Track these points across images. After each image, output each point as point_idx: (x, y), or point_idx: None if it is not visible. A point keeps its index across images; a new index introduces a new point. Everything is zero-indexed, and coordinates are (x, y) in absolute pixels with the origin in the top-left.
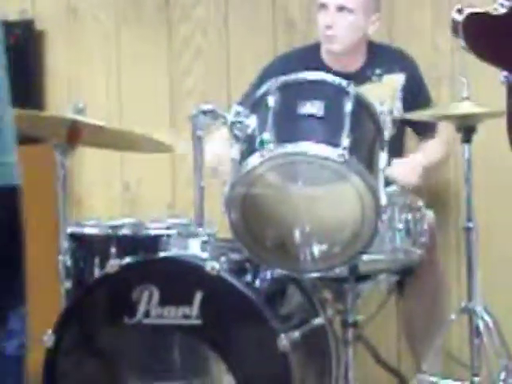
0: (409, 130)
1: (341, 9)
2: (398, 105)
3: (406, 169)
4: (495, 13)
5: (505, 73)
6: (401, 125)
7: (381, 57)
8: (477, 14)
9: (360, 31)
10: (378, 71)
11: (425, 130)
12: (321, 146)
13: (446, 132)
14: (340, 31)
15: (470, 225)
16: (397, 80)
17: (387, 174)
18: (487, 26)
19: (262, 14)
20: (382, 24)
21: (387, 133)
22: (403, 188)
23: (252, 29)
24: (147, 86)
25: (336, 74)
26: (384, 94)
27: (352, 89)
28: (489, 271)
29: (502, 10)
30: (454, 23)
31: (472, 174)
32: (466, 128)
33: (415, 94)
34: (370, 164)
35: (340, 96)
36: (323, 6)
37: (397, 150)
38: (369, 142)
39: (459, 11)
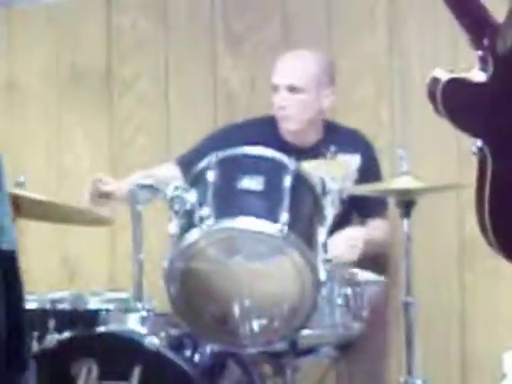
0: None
1: (291, 89)
2: (349, 185)
3: (346, 244)
4: (475, 79)
5: (479, 143)
6: (348, 206)
7: (337, 135)
8: (456, 80)
9: (314, 108)
10: (332, 149)
11: (370, 211)
12: (260, 221)
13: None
14: (293, 111)
15: (409, 299)
16: (352, 161)
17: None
18: (467, 94)
19: (202, 87)
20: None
21: (334, 211)
22: (343, 263)
23: (193, 101)
24: (88, 159)
25: (292, 147)
26: (336, 172)
27: (292, 164)
28: (428, 345)
29: (481, 78)
30: (431, 90)
31: (412, 249)
32: (406, 202)
33: (370, 176)
34: (309, 239)
35: (279, 171)
36: (275, 88)
37: (342, 229)
38: (308, 216)
39: (435, 79)
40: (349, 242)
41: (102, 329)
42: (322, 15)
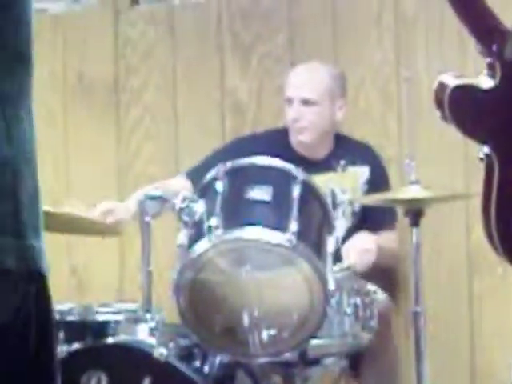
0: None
1: (305, 102)
2: (359, 197)
3: (359, 250)
4: (482, 86)
5: (486, 149)
6: (359, 218)
7: (347, 149)
8: (463, 86)
9: (327, 120)
10: (342, 162)
11: (380, 223)
12: (269, 231)
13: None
14: (307, 123)
15: (418, 309)
16: (361, 173)
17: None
18: (474, 100)
19: (210, 98)
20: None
21: (346, 223)
22: (353, 272)
23: (200, 112)
24: (95, 170)
25: (303, 160)
26: (346, 184)
27: (300, 174)
28: (437, 355)
29: (489, 83)
30: (437, 96)
31: (420, 259)
32: (414, 212)
33: (379, 188)
34: (318, 249)
35: (288, 181)
36: (289, 101)
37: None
38: (317, 226)
39: (442, 84)
40: (362, 247)
41: (111, 340)
42: (329, 26)
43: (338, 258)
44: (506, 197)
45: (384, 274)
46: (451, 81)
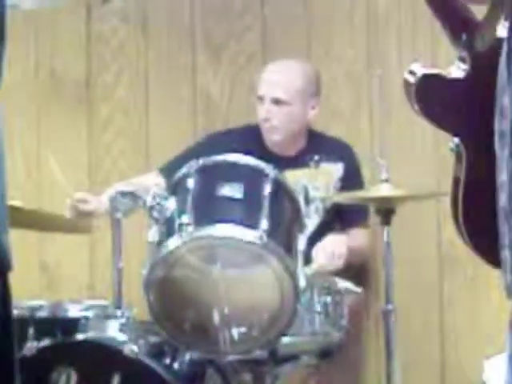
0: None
1: (276, 102)
2: (332, 194)
3: (330, 252)
4: (451, 76)
5: (456, 140)
6: (331, 215)
7: (320, 145)
8: (431, 75)
9: (299, 119)
10: (316, 158)
11: (352, 220)
12: (239, 229)
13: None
14: (278, 123)
15: (389, 307)
16: (334, 170)
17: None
18: (442, 89)
19: (182, 95)
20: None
21: (317, 219)
22: (324, 272)
23: (172, 109)
24: (66, 165)
25: (275, 156)
26: (319, 180)
27: (271, 171)
28: (408, 354)
29: (459, 73)
30: (407, 85)
31: (391, 257)
32: (385, 210)
33: (353, 185)
34: (289, 246)
35: (259, 178)
36: (260, 99)
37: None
38: (288, 224)
39: (412, 72)
40: (333, 249)
41: (81, 336)
42: (301, 24)
43: (307, 259)
44: (472, 189)
45: (354, 272)
46: (419, 69)
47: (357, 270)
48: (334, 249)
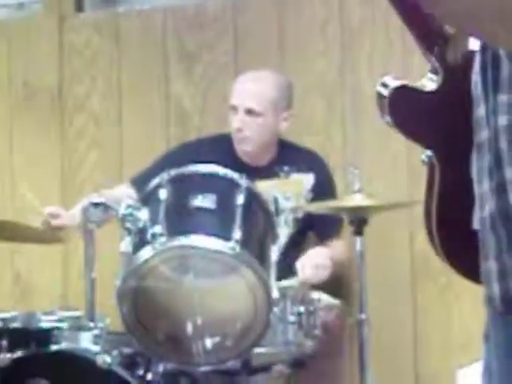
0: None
1: (249, 112)
2: (303, 204)
3: (314, 266)
4: (424, 88)
5: (428, 152)
6: (303, 225)
7: (291, 155)
8: (404, 87)
9: (270, 131)
10: (286, 168)
11: (328, 232)
12: (212, 239)
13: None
14: (250, 133)
15: (363, 317)
16: (305, 180)
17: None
18: (415, 102)
19: (155, 105)
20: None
21: (288, 230)
22: (306, 286)
23: (145, 119)
24: (40, 177)
25: (246, 166)
26: (290, 191)
27: (244, 182)
28: (381, 363)
29: (431, 85)
30: (379, 97)
31: (365, 267)
32: (358, 220)
33: (324, 195)
34: (262, 257)
35: (232, 189)
36: (233, 108)
37: (298, 248)
38: (261, 234)
39: (384, 85)
40: (317, 262)
41: (54, 347)
42: (274, 34)
43: (293, 272)
44: (445, 199)
45: (328, 282)
46: (392, 82)
47: (330, 280)
48: (318, 261)
